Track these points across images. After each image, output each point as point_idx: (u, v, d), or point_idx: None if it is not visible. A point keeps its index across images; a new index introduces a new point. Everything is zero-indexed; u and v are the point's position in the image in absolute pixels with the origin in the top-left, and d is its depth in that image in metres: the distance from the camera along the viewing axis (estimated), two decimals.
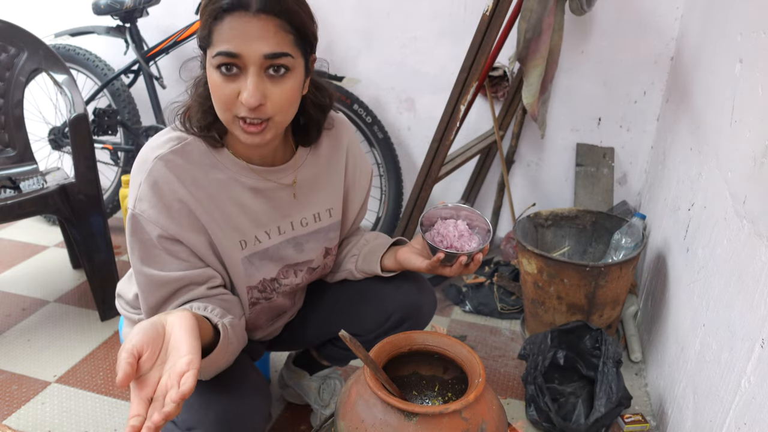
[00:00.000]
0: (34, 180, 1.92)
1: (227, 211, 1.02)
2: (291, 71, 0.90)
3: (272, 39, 0.86)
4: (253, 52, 0.86)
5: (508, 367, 1.78)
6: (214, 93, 0.90)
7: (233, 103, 0.89)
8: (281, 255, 1.11)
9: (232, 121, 0.92)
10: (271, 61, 0.87)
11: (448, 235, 1.09)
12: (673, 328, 1.52)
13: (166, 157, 0.96)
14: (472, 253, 1.05)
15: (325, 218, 1.16)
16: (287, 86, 0.90)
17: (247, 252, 1.06)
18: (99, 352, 1.77)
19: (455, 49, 2.20)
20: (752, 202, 1.07)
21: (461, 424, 0.91)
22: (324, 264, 1.21)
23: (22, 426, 1.48)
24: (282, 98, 0.90)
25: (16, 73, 1.97)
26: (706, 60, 1.57)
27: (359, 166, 1.22)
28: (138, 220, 0.96)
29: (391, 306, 1.23)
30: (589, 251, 1.97)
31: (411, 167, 2.45)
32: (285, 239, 1.11)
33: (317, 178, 1.14)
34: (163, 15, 2.42)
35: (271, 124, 0.92)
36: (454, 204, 1.13)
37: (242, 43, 0.85)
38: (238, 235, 1.04)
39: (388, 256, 1.19)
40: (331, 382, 1.53)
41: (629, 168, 2.28)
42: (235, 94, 0.88)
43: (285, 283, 1.15)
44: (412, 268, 1.13)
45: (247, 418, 0.98)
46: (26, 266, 2.26)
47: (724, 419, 1.07)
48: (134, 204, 0.96)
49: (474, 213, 1.12)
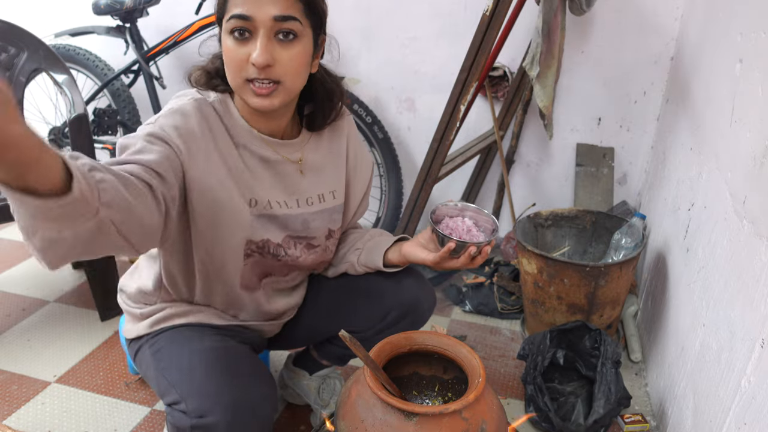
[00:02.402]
0: None
1: (240, 170, 1.05)
2: (299, 38, 0.96)
3: (282, 3, 0.93)
4: (263, 13, 0.92)
5: (508, 367, 1.78)
6: (227, 57, 0.96)
7: (244, 66, 0.95)
8: (288, 225, 1.13)
9: (243, 85, 0.96)
10: (281, 24, 0.93)
11: (457, 229, 1.13)
12: (673, 328, 1.52)
13: (200, 101, 1.02)
14: (480, 245, 1.07)
15: (329, 200, 1.19)
16: (295, 51, 0.96)
17: (257, 212, 1.08)
18: (99, 352, 1.77)
19: (455, 49, 2.20)
20: (752, 202, 1.07)
21: (461, 424, 0.91)
22: (325, 246, 1.22)
23: (22, 426, 1.48)
24: (290, 62, 0.96)
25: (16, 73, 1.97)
26: (706, 60, 1.57)
27: (360, 155, 1.25)
28: (150, 127, 0.96)
29: (389, 302, 1.23)
30: (589, 251, 1.97)
31: (411, 167, 2.45)
32: (293, 214, 1.13)
33: (321, 161, 1.17)
34: (163, 15, 2.42)
35: (280, 88, 0.97)
36: (461, 203, 1.18)
37: (254, 6, 0.92)
38: (249, 192, 1.06)
39: (392, 251, 1.20)
40: (331, 381, 1.53)
41: (629, 168, 2.28)
42: (246, 57, 0.94)
43: (289, 253, 1.16)
44: (418, 261, 1.14)
45: (256, 406, 0.98)
46: (26, 266, 2.26)
47: (724, 419, 1.07)
48: (155, 120, 0.98)
49: (480, 212, 1.16)
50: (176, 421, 0.97)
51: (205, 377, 0.99)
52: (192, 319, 1.15)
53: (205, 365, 1.01)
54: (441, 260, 1.09)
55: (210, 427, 0.94)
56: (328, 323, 1.31)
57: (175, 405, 0.98)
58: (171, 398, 1.00)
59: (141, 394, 1.60)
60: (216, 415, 0.94)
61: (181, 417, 0.96)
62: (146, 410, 1.55)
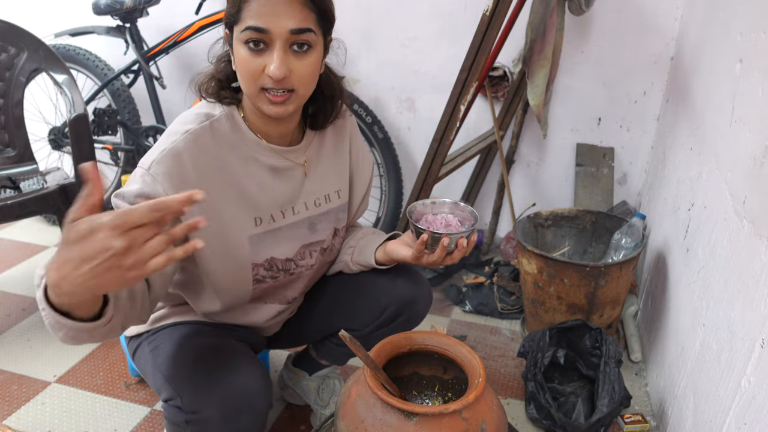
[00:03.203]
0: (34, 180, 1.92)
1: (246, 189, 1.05)
2: (312, 48, 0.97)
3: (298, 15, 0.93)
4: (280, 27, 0.92)
5: (508, 367, 1.78)
6: (242, 66, 0.96)
7: (259, 76, 0.95)
8: (297, 234, 1.14)
9: (257, 93, 0.97)
10: (297, 36, 0.94)
11: (435, 222, 1.13)
12: (673, 328, 1.52)
13: (196, 132, 1.00)
14: (454, 236, 1.06)
15: (334, 199, 1.20)
16: (309, 61, 0.97)
17: (260, 230, 1.08)
18: (99, 352, 1.77)
19: (455, 49, 2.20)
20: (752, 202, 1.07)
21: (461, 424, 0.91)
22: (332, 245, 1.23)
23: (22, 426, 1.48)
24: (305, 72, 0.97)
25: (16, 73, 1.97)
26: (706, 60, 1.57)
27: (361, 154, 1.26)
28: (144, 178, 0.94)
29: (385, 299, 1.24)
30: (589, 251, 1.97)
31: (411, 167, 2.45)
32: (300, 219, 1.14)
33: (325, 160, 1.18)
34: (163, 15, 2.42)
35: (294, 96, 0.98)
36: (439, 200, 1.17)
37: (270, 19, 0.91)
38: (254, 211, 1.07)
39: (380, 249, 1.21)
40: (331, 382, 1.53)
41: (629, 168, 2.28)
42: (262, 67, 0.94)
43: (302, 264, 1.17)
44: (399, 258, 1.15)
45: (250, 401, 0.99)
46: (26, 266, 2.26)
47: (724, 419, 1.07)
48: (149, 164, 0.95)
49: (458, 206, 1.16)
50: (172, 417, 0.99)
51: (200, 373, 1.00)
52: (192, 317, 1.16)
53: (200, 361, 1.02)
54: (418, 254, 1.09)
55: (204, 422, 0.95)
56: (326, 321, 1.32)
57: (171, 401, 0.99)
58: (167, 394, 1.01)
59: (141, 394, 1.60)
60: (210, 410, 0.95)
61: (176, 412, 0.98)
62: (146, 410, 1.55)
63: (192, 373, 1.00)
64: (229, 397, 0.96)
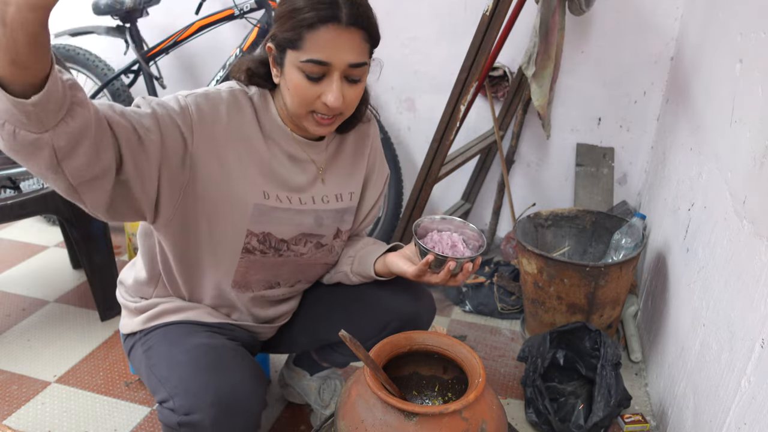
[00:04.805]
0: (34, 180, 1.92)
1: (264, 161, 1.07)
2: (364, 75, 1.04)
3: (357, 49, 0.99)
4: (340, 60, 0.97)
5: (508, 368, 1.78)
6: (296, 92, 0.99)
7: (313, 102, 1.00)
8: (300, 222, 1.14)
9: (306, 115, 1.02)
10: (353, 70, 0.99)
11: (441, 242, 1.10)
12: (673, 328, 1.52)
13: (236, 93, 1.06)
14: (461, 260, 1.04)
15: (345, 200, 1.20)
16: (359, 89, 1.03)
17: (266, 203, 1.08)
18: (99, 352, 1.77)
19: (455, 49, 2.20)
20: (752, 202, 1.07)
21: (461, 424, 0.91)
22: (332, 245, 1.22)
23: (22, 426, 1.48)
24: (354, 98, 1.04)
25: None
26: (706, 60, 1.57)
27: (378, 163, 1.27)
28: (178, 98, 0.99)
29: (387, 316, 1.23)
30: (589, 251, 1.97)
31: (411, 167, 2.45)
32: (307, 209, 1.14)
33: (343, 161, 1.20)
34: (163, 15, 2.42)
35: (340, 118, 1.05)
36: (448, 216, 1.16)
37: (333, 53, 0.96)
38: (264, 184, 1.07)
39: (380, 261, 1.19)
40: (332, 382, 1.53)
41: (629, 168, 2.28)
42: (317, 95, 0.99)
43: (294, 248, 1.16)
44: (398, 272, 1.13)
45: (242, 403, 0.99)
46: (26, 266, 2.26)
47: (724, 419, 1.07)
48: (187, 94, 1.00)
49: (467, 227, 1.14)
50: (165, 419, 0.99)
51: (192, 375, 0.99)
52: (184, 316, 1.15)
53: (193, 363, 1.02)
54: (420, 273, 1.07)
55: (196, 424, 0.95)
56: (325, 331, 1.30)
57: (165, 402, 0.99)
58: (160, 396, 1.01)
59: (141, 394, 1.60)
60: (202, 412, 0.95)
61: (169, 414, 0.98)
62: (146, 410, 1.55)
63: (184, 374, 1.00)
64: (221, 400, 0.96)
